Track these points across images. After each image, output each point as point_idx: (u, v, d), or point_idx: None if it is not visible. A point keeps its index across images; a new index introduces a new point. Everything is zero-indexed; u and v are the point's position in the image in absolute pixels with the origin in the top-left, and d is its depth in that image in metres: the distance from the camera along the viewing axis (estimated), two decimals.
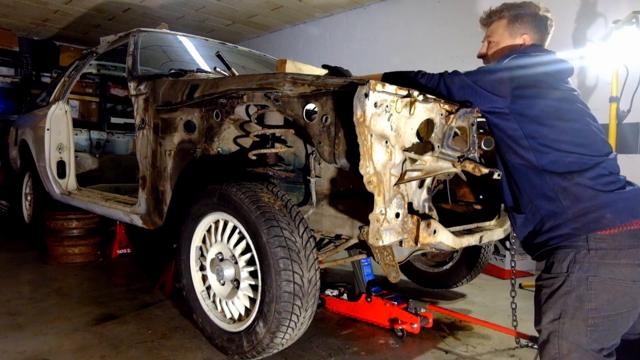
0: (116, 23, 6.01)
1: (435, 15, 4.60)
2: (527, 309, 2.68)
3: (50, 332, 2.04)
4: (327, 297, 2.49)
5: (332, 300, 2.47)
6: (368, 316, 2.32)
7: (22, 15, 5.83)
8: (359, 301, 2.34)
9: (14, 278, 2.88)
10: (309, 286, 1.62)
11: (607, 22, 3.40)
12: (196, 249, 1.99)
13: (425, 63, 4.65)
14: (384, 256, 1.79)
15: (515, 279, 2.06)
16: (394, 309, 2.22)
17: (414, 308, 2.22)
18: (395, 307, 2.22)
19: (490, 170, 1.52)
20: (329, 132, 1.54)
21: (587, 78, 3.61)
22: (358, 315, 2.36)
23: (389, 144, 1.47)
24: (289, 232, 1.61)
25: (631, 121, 3.11)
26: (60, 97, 3.60)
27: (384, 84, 1.43)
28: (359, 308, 2.35)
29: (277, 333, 1.62)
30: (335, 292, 2.51)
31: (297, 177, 2.09)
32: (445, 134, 1.60)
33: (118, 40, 3.12)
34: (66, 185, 3.48)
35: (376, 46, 5.14)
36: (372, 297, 2.29)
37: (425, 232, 1.58)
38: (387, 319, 2.23)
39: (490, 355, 1.99)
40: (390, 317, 2.22)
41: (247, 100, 1.81)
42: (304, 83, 1.60)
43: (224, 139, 2.07)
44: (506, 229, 2.16)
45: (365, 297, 2.31)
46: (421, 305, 2.22)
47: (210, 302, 1.94)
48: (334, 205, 1.98)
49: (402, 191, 1.54)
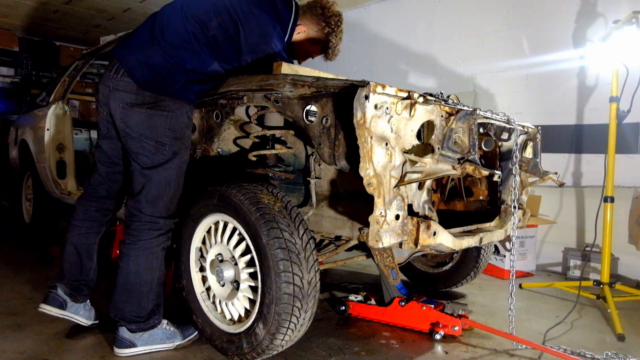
0: (116, 23, 6.01)
1: (435, 15, 4.59)
2: (527, 309, 2.69)
3: (50, 332, 2.04)
4: (352, 303, 2.36)
5: (359, 305, 2.35)
6: (403, 321, 2.22)
7: (22, 15, 5.83)
8: (390, 306, 2.25)
9: (14, 278, 2.88)
10: (309, 288, 1.62)
11: (607, 22, 3.40)
12: (196, 250, 1.99)
13: (426, 63, 4.66)
14: (384, 258, 1.80)
15: (514, 284, 2.05)
16: (433, 312, 2.14)
17: (452, 310, 2.17)
18: (433, 310, 2.15)
19: (490, 171, 1.52)
20: (328, 134, 1.54)
21: (587, 78, 3.62)
22: (390, 321, 2.26)
23: (389, 146, 1.47)
24: (289, 234, 1.61)
25: (631, 121, 3.11)
26: (60, 97, 3.60)
27: (384, 85, 1.43)
28: (391, 313, 2.25)
29: (276, 334, 1.62)
30: (360, 297, 2.40)
31: (297, 179, 2.09)
32: (446, 135, 1.60)
33: (118, 40, 3.12)
34: (66, 185, 3.49)
35: (376, 46, 5.13)
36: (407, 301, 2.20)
37: (425, 234, 1.58)
38: (428, 323, 2.15)
39: (491, 355, 1.99)
40: (430, 321, 2.14)
41: (247, 101, 1.81)
42: (304, 84, 1.60)
43: (224, 139, 2.07)
44: (506, 229, 2.16)
45: (399, 302, 2.22)
46: (458, 307, 2.16)
47: (210, 303, 1.95)
48: (334, 206, 1.98)
49: (402, 193, 1.54)
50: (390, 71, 4.98)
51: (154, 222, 1.80)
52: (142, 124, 1.75)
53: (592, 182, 3.57)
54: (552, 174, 2.24)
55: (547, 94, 3.82)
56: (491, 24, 4.15)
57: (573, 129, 3.68)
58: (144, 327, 1.84)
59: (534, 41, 3.88)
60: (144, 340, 1.84)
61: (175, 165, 1.81)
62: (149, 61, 1.75)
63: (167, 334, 1.89)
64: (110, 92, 1.78)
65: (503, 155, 2.23)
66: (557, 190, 3.67)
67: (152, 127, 1.75)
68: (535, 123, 2.40)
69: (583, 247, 3.54)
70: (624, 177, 3.35)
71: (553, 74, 3.77)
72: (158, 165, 1.78)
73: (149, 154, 1.77)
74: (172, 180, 1.82)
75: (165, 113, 1.76)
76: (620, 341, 2.24)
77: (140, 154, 1.77)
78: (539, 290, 3.08)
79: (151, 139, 1.75)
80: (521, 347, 2.06)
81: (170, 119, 1.77)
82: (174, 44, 1.76)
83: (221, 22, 1.80)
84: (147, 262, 1.81)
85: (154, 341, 1.86)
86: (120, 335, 1.83)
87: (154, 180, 1.79)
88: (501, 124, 1.99)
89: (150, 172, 1.78)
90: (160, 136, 1.76)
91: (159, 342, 1.87)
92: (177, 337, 1.91)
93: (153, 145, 1.76)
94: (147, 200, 1.79)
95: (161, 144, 1.77)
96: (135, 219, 1.80)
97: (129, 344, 1.82)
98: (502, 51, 4.09)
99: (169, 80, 1.76)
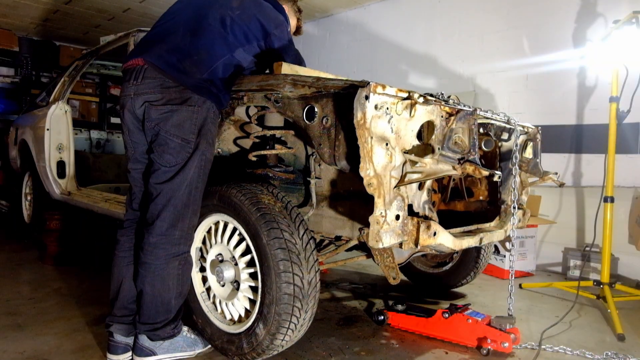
0: (116, 23, 6.01)
1: (435, 15, 4.59)
2: (527, 309, 2.69)
3: (50, 332, 2.05)
4: (392, 313, 2.26)
5: (398, 316, 2.25)
6: (447, 334, 2.10)
7: (22, 15, 5.83)
8: (433, 317, 2.13)
9: (14, 278, 2.88)
10: (309, 288, 1.62)
11: (607, 22, 3.40)
12: (196, 250, 1.99)
13: (426, 63, 4.66)
14: (384, 258, 1.80)
15: (513, 286, 2.04)
16: (480, 326, 2.02)
17: (499, 324, 2.02)
18: (479, 323, 2.03)
19: (490, 172, 1.52)
20: (329, 134, 1.54)
21: (587, 78, 3.62)
22: (432, 333, 2.14)
23: (389, 146, 1.47)
24: (289, 234, 1.61)
25: (631, 121, 3.11)
26: (60, 97, 3.60)
27: (384, 85, 1.43)
28: (434, 325, 2.13)
29: (277, 335, 1.62)
30: (401, 306, 2.30)
31: (297, 179, 2.10)
32: (446, 135, 1.60)
33: (117, 40, 3.12)
34: (66, 185, 3.49)
35: (376, 46, 5.13)
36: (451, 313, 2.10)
37: (425, 234, 1.58)
38: (475, 338, 2.02)
39: (490, 355, 1.99)
40: (477, 335, 2.02)
41: (248, 102, 1.81)
42: (305, 85, 1.60)
43: (224, 139, 2.07)
44: (506, 230, 2.16)
45: (442, 313, 2.11)
46: (506, 320, 2.02)
47: (210, 304, 1.95)
48: (334, 206, 1.98)
49: (402, 193, 1.54)
50: (390, 71, 4.98)
51: (173, 233, 1.72)
52: (168, 120, 1.69)
53: (592, 182, 3.57)
54: (552, 174, 2.24)
55: (547, 94, 3.82)
56: (491, 24, 4.15)
57: (573, 129, 3.68)
58: (163, 335, 1.79)
59: (534, 41, 3.88)
60: (164, 349, 1.79)
61: (197, 165, 1.74)
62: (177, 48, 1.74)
63: (188, 342, 1.85)
64: (132, 98, 1.73)
65: (503, 155, 2.23)
66: (557, 190, 3.68)
67: (177, 125, 1.69)
68: (535, 123, 2.40)
69: (583, 247, 3.54)
70: (624, 177, 3.35)
71: (553, 74, 3.77)
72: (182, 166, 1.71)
73: (173, 152, 1.70)
74: (194, 184, 1.74)
75: (191, 108, 1.71)
76: (620, 341, 2.24)
77: (165, 152, 1.70)
78: (538, 290, 3.08)
79: (177, 136, 1.70)
80: (521, 347, 2.06)
81: (197, 114, 1.72)
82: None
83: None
84: (164, 285, 1.73)
85: (175, 349, 1.81)
86: (140, 343, 1.77)
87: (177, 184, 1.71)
88: (501, 124, 1.99)
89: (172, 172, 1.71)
90: (186, 133, 1.70)
91: (180, 350, 1.82)
92: (198, 345, 1.87)
93: (178, 143, 1.70)
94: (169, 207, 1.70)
95: (187, 141, 1.71)
96: (152, 230, 1.71)
97: (149, 352, 1.77)
98: (502, 51, 4.09)
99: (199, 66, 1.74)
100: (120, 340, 1.81)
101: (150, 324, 1.76)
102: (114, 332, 1.81)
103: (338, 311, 2.50)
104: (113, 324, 1.82)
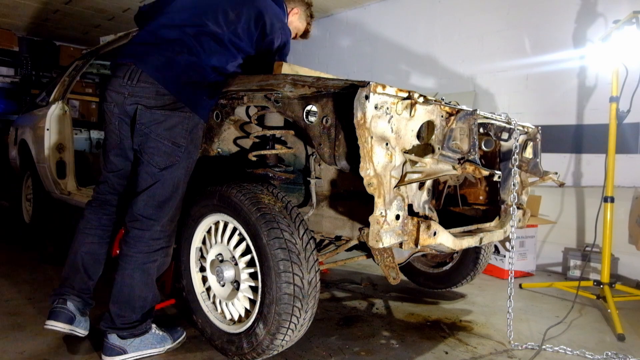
0: (116, 23, 6.01)
1: (436, 15, 4.59)
2: (527, 309, 2.69)
3: (50, 332, 2.04)
4: None
5: None
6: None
7: (22, 15, 5.83)
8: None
9: (14, 278, 2.88)
10: (309, 288, 1.62)
11: (607, 22, 3.40)
12: (196, 250, 1.99)
13: (426, 63, 4.66)
14: (384, 258, 1.80)
15: (512, 287, 2.04)
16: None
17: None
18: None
19: (490, 171, 1.52)
20: (329, 134, 1.54)
21: (587, 78, 3.62)
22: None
23: (389, 146, 1.47)
24: (289, 234, 1.61)
25: (631, 121, 3.11)
26: (60, 97, 3.60)
27: (384, 85, 1.43)
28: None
29: (277, 335, 1.62)
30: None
31: (297, 179, 2.10)
32: (446, 135, 1.60)
33: (117, 40, 3.12)
34: (66, 185, 3.49)
35: (376, 46, 5.13)
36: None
37: (426, 234, 1.58)
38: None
39: (490, 355, 1.99)
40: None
41: (247, 102, 1.81)
42: (305, 84, 1.59)
43: (224, 139, 2.07)
44: (506, 230, 2.16)
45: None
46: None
47: (210, 304, 1.95)
48: (334, 206, 1.98)
49: (403, 193, 1.54)
50: (390, 71, 4.98)
51: (155, 227, 1.77)
52: (160, 125, 1.72)
53: (592, 182, 3.57)
54: (552, 174, 2.24)
55: (547, 94, 3.82)
56: (491, 24, 4.15)
57: (573, 129, 3.68)
58: (135, 332, 1.80)
59: (534, 41, 3.88)
60: (135, 347, 1.80)
61: (184, 166, 1.80)
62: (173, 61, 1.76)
63: (158, 339, 1.87)
64: (125, 98, 1.75)
65: (503, 155, 2.23)
66: (557, 190, 3.67)
67: (170, 129, 1.73)
68: (535, 123, 2.40)
69: (583, 247, 3.54)
70: (624, 177, 3.35)
71: (553, 74, 3.77)
72: (170, 166, 1.76)
73: (164, 155, 1.74)
74: (181, 182, 1.81)
75: (183, 114, 1.75)
76: (620, 341, 2.24)
77: (155, 154, 1.74)
78: (539, 290, 3.08)
79: (168, 139, 1.74)
80: (521, 347, 2.06)
81: (189, 120, 1.76)
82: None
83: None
84: (142, 278, 1.77)
85: (145, 346, 1.82)
86: (110, 342, 1.78)
87: (163, 181, 1.76)
88: (501, 124, 1.99)
89: (161, 173, 1.76)
90: (177, 137, 1.75)
91: (150, 347, 1.83)
92: (167, 341, 1.89)
93: (169, 146, 1.74)
94: (153, 201, 1.76)
95: (177, 145, 1.75)
96: (136, 224, 1.76)
97: (120, 351, 1.77)
98: (502, 51, 4.09)
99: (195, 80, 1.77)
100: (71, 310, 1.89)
101: (125, 317, 1.79)
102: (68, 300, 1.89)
103: (338, 311, 2.50)
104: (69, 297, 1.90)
